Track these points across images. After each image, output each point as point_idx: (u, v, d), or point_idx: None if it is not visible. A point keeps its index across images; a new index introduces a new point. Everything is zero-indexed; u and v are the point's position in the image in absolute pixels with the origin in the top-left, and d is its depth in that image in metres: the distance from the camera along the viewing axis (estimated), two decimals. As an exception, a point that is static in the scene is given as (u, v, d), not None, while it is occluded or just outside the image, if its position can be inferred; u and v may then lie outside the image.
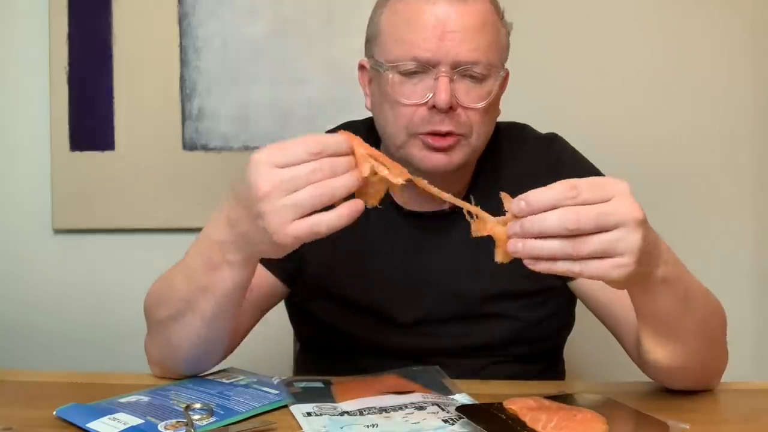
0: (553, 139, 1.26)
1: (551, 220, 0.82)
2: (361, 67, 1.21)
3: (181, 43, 1.89)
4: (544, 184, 1.17)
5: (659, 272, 0.89)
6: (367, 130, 1.23)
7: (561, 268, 0.84)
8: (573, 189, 0.82)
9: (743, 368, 1.11)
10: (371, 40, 1.17)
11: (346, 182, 0.87)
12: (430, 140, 1.11)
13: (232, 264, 0.97)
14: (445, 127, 1.10)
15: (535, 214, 0.83)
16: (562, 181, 0.84)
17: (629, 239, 0.82)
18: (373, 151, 0.90)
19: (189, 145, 1.90)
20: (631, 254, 0.82)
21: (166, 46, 1.88)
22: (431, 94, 1.09)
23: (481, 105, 1.11)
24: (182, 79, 1.89)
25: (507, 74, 1.17)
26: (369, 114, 1.21)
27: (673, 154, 1.91)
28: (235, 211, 0.93)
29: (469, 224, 1.18)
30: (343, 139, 0.89)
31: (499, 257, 0.88)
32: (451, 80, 1.09)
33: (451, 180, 1.15)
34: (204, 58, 1.89)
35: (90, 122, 1.89)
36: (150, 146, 1.90)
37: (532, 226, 0.83)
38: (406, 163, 1.14)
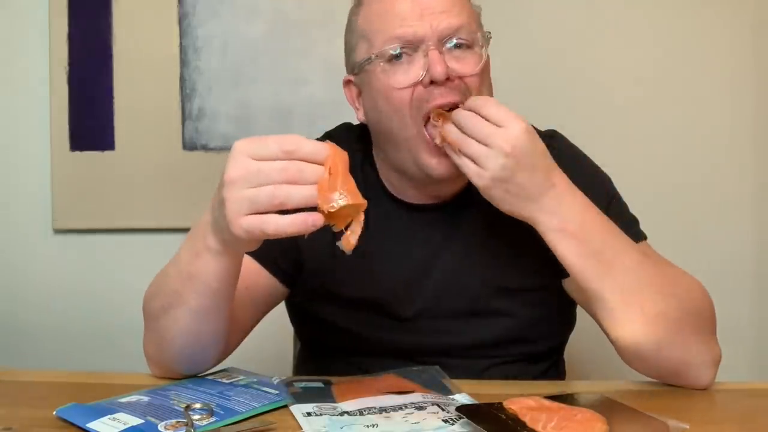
0: (552, 136, 1.25)
1: (460, 114, 1.05)
2: (347, 83, 1.20)
3: (181, 43, 1.89)
4: None
5: (551, 220, 1.03)
6: (365, 132, 1.22)
7: (454, 157, 1.05)
8: (484, 106, 1.04)
9: (743, 368, 1.11)
10: (352, 50, 1.17)
11: (304, 195, 0.87)
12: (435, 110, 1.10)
13: (211, 250, 0.98)
14: (445, 99, 1.09)
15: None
16: (492, 100, 1.06)
17: (491, 158, 1.01)
18: (347, 175, 0.89)
19: (189, 145, 1.90)
20: (488, 171, 1.02)
21: (166, 46, 1.88)
22: (424, 72, 1.09)
23: (477, 69, 1.12)
24: (182, 79, 1.89)
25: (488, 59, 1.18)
26: None
27: (673, 154, 1.91)
28: (215, 195, 0.95)
29: (471, 217, 1.18)
30: (322, 148, 0.89)
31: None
32: (441, 53, 1.09)
33: (458, 179, 1.15)
34: (204, 58, 1.89)
35: (90, 122, 1.89)
36: (150, 146, 1.90)
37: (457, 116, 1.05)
38: (419, 170, 1.13)
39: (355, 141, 1.24)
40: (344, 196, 0.88)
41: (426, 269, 1.19)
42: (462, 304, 1.18)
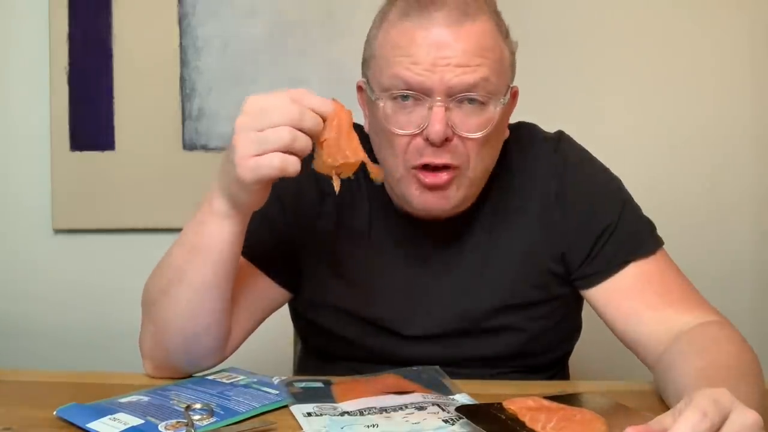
0: (559, 139, 1.22)
1: None
2: (359, 88, 1.16)
3: (181, 43, 1.89)
4: (552, 188, 1.14)
5: None
6: (366, 143, 1.22)
7: None
8: (704, 418, 0.72)
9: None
10: (366, 62, 1.13)
11: (308, 140, 0.93)
12: (423, 177, 1.05)
13: (217, 214, 1.00)
14: (439, 159, 1.04)
15: None
16: (692, 410, 0.73)
17: None
18: (351, 133, 0.96)
19: (189, 145, 1.90)
20: None
21: (166, 46, 1.88)
22: (425, 125, 1.03)
23: (479, 134, 1.05)
24: (182, 79, 1.89)
25: (516, 91, 1.13)
26: None
27: (673, 154, 1.91)
28: (225, 156, 0.99)
29: (476, 233, 1.16)
30: (328, 103, 0.95)
31: None
32: (447, 108, 1.03)
33: (456, 209, 1.13)
34: (204, 58, 1.89)
35: (90, 122, 1.89)
36: (150, 146, 1.90)
37: None
38: (404, 201, 1.11)
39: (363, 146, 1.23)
40: (346, 153, 0.95)
41: (429, 287, 1.17)
42: (466, 322, 1.16)
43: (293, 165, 0.93)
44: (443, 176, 1.06)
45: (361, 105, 1.17)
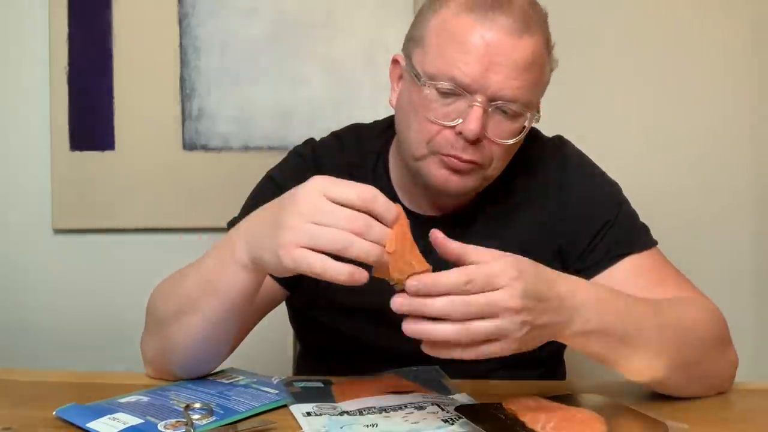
0: (559, 142, 1.25)
1: (437, 306, 0.86)
2: (395, 62, 1.17)
3: (181, 43, 1.88)
4: (551, 188, 1.17)
5: (573, 328, 0.93)
6: (377, 134, 1.22)
7: (457, 354, 0.88)
8: (468, 282, 0.85)
9: (743, 368, 1.11)
10: (414, 41, 1.12)
11: (364, 248, 0.87)
12: (451, 161, 1.08)
13: (239, 263, 0.96)
14: (467, 156, 1.07)
15: (427, 296, 0.86)
16: (459, 270, 0.87)
17: (508, 327, 0.86)
18: (413, 242, 0.90)
19: (189, 145, 1.90)
20: (511, 339, 0.87)
21: (166, 46, 1.88)
22: (461, 120, 1.06)
23: (509, 142, 1.09)
24: (182, 79, 1.89)
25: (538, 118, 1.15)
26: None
27: (673, 154, 1.91)
28: (265, 211, 0.95)
29: (476, 227, 1.18)
30: (394, 209, 0.89)
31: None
32: (485, 111, 1.05)
33: (464, 197, 1.15)
34: (204, 58, 1.89)
35: (90, 122, 1.89)
36: (150, 146, 1.89)
37: (419, 307, 0.87)
38: (418, 174, 1.13)
39: (369, 144, 1.24)
40: (413, 265, 0.89)
41: None
42: None
43: (336, 274, 0.87)
44: (468, 165, 1.09)
45: (392, 78, 1.18)
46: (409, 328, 0.88)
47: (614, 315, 0.97)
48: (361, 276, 0.88)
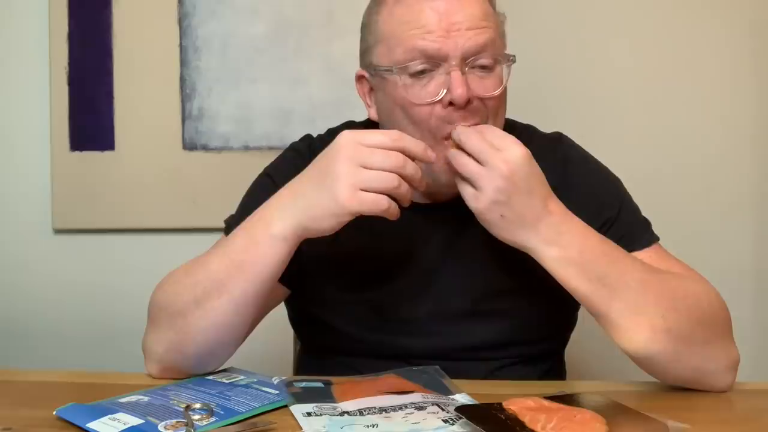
0: (559, 139, 1.24)
1: (462, 133, 1.05)
2: (359, 78, 1.19)
3: (181, 43, 1.89)
4: (552, 184, 1.17)
5: (552, 252, 1.03)
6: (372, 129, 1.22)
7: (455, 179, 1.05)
8: (482, 131, 1.04)
9: (743, 368, 1.11)
10: (369, 49, 1.15)
11: (406, 188, 1.01)
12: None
13: (275, 237, 1.02)
14: (467, 122, 1.08)
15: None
16: (493, 126, 1.07)
17: (487, 179, 1.00)
18: None
19: (189, 145, 1.90)
20: (485, 192, 1.01)
21: (166, 46, 1.88)
22: (445, 90, 1.07)
23: (497, 92, 1.10)
24: (182, 79, 1.89)
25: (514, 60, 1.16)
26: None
27: (673, 154, 1.91)
28: (303, 177, 1.04)
29: (475, 218, 1.18)
30: (422, 144, 1.03)
31: None
32: (463, 73, 1.08)
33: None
34: (204, 58, 1.89)
35: (90, 122, 1.89)
36: (150, 146, 1.90)
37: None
38: (429, 177, 1.12)
39: None
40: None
41: (429, 271, 1.18)
42: (465, 306, 1.17)
43: (395, 211, 1.02)
44: None
45: (361, 95, 1.20)
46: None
47: (597, 254, 1.03)
48: (398, 213, 1.02)
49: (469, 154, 1.03)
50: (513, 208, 1.01)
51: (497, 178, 1.00)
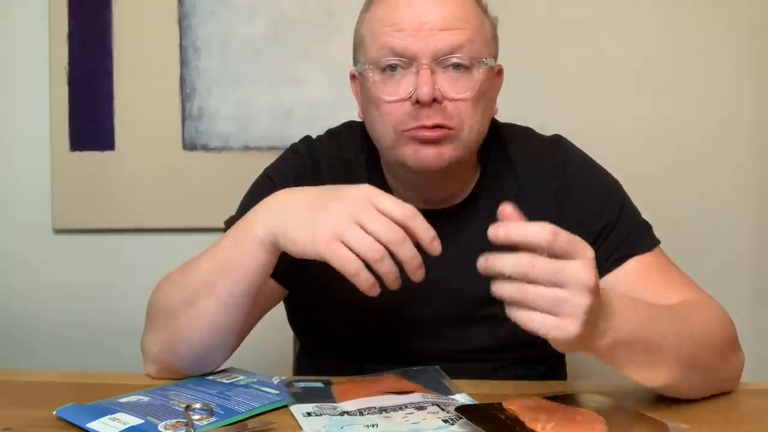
0: (558, 142, 1.23)
1: (508, 263, 0.81)
2: (353, 77, 1.20)
3: (181, 43, 1.89)
4: (551, 187, 1.17)
5: (606, 338, 0.87)
6: (365, 133, 1.22)
7: (510, 314, 0.84)
8: (552, 235, 0.81)
9: (744, 368, 1.11)
10: (355, 47, 1.17)
11: (392, 268, 0.93)
12: (418, 132, 1.08)
13: (255, 238, 1.00)
14: (431, 120, 1.07)
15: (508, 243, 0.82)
16: (544, 224, 0.82)
17: (575, 301, 0.80)
18: None
19: (189, 145, 1.90)
20: (574, 317, 0.80)
21: (166, 46, 1.89)
22: (413, 89, 1.07)
23: (467, 95, 1.08)
24: (182, 79, 1.89)
25: (501, 70, 1.16)
26: None
27: (672, 155, 1.91)
28: (307, 193, 1.00)
29: (474, 224, 1.18)
30: (432, 231, 0.94)
31: None
32: (433, 72, 1.07)
33: (450, 179, 1.15)
34: (204, 58, 1.89)
35: (90, 122, 1.89)
36: (150, 146, 1.90)
37: (494, 263, 0.82)
38: (398, 164, 1.14)
39: (361, 140, 1.24)
40: None
41: (431, 276, 1.17)
42: (464, 310, 1.17)
43: (365, 283, 0.93)
44: (437, 132, 1.09)
45: (354, 93, 1.21)
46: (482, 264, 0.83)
47: (640, 325, 0.92)
48: (377, 291, 0.94)
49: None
50: (594, 322, 0.85)
51: (584, 295, 0.81)
